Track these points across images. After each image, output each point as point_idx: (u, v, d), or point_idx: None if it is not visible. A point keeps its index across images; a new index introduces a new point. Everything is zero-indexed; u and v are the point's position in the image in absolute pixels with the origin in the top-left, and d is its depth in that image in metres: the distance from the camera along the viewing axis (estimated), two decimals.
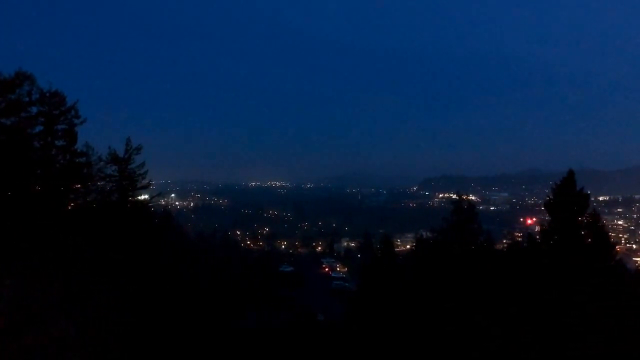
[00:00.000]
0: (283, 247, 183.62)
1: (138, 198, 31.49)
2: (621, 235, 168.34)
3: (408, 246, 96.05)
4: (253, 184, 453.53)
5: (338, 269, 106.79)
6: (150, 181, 30.96)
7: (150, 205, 35.17)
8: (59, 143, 26.57)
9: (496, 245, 36.41)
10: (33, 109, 25.51)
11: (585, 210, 26.67)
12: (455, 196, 32.21)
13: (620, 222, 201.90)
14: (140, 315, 24.39)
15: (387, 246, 42.65)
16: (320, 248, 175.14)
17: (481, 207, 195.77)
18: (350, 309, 43.42)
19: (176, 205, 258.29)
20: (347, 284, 78.71)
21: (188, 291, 32.00)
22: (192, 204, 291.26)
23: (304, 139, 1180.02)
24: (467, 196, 33.46)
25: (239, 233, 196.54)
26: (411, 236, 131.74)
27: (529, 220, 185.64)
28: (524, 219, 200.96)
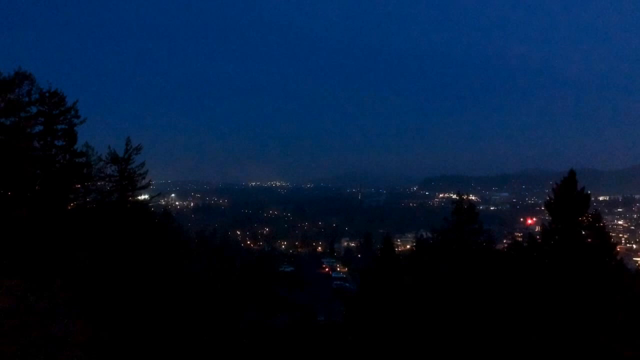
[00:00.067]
0: (283, 247, 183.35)
1: (138, 198, 31.46)
2: (621, 235, 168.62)
3: (408, 246, 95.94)
4: (253, 184, 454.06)
5: (338, 269, 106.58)
6: (150, 181, 30.95)
7: (150, 205, 35.14)
8: (59, 143, 26.59)
9: (497, 245, 36.23)
10: (33, 108, 25.57)
11: (586, 211, 26.58)
12: (455, 196, 32.09)
13: (620, 222, 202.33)
14: (140, 315, 24.35)
15: (387, 246, 42.51)
16: (321, 248, 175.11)
17: (481, 207, 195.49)
18: (351, 309, 43.31)
19: (176, 205, 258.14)
20: (347, 284, 78.69)
21: (188, 291, 31.93)
22: (192, 204, 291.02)
23: (304, 139, 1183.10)
24: (468, 196, 33.30)
25: (239, 233, 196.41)
26: (411, 236, 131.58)
27: (529, 220, 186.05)
28: (524, 219, 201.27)
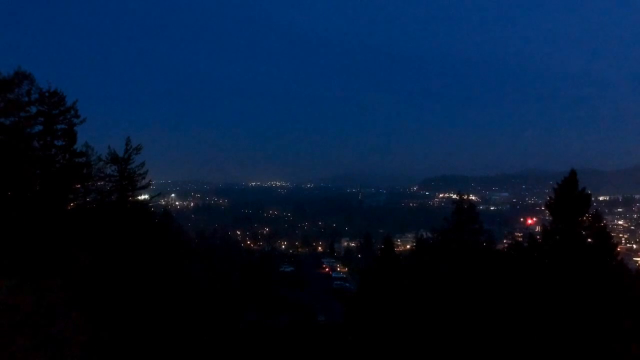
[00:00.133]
0: (283, 247, 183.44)
1: (138, 198, 31.39)
2: (621, 235, 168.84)
3: (408, 246, 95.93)
4: (253, 184, 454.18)
5: (338, 269, 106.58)
6: (150, 181, 30.86)
7: (150, 205, 35.07)
8: (59, 143, 26.49)
9: (497, 245, 36.18)
10: (32, 108, 25.45)
11: (587, 211, 26.51)
12: (455, 196, 32.06)
13: (621, 222, 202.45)
14: (140, 315, 24.31)
15: (387, 246, 42.50)
16: (321, 248, 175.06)
17: (481, 207, 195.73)
18: (351, 309, 43.29)
19: (176, 205, 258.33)
20: (347, 284, 78.70)
21: (188, 291, 31.90)
22: (192, 204, 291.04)
23: (304, 139, 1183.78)
24: (468, 196, 33.25)
25: (239, 233, 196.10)
26: (411, 236, 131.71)
27: (529, 220, 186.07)
28: (524, 219, 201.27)
